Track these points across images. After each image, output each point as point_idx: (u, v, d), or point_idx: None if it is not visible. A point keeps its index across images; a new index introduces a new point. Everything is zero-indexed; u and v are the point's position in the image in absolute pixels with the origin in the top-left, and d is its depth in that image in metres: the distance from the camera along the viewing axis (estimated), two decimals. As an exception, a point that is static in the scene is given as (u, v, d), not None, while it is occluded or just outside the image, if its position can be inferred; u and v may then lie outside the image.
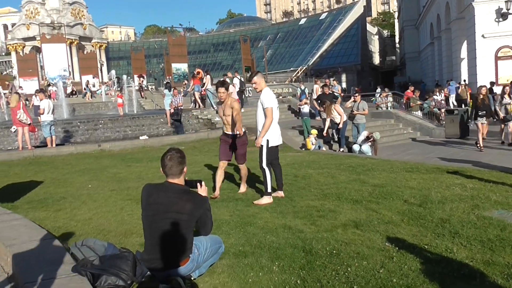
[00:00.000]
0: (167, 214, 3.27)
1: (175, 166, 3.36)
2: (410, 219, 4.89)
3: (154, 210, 3.32)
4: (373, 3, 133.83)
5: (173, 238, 3.27)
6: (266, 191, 5.95)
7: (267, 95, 6.00)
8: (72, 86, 35.13)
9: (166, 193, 3.35)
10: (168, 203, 3.29)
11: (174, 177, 3.39)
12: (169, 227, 3.26)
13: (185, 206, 3.30)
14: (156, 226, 3.31)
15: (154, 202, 3.34)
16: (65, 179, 8.69)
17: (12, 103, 13.15)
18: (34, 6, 47.88)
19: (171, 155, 3.37)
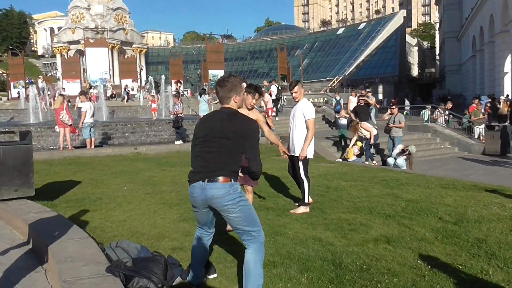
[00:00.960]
0: (212, 138, 3.20)
1: (222, 92, 3.30)
2: (445, 237, 4.79)
3: (202, 135, 3.27)
4: (414, 14, 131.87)
5: (217, 156, 3.17)
6: (304, 201, 5.98)
7: (308, 106, 6.05)
8: (112, 89, 36.16)
9: (214, 118, 3.31)
10: (214, 126, 3.23)
11: (225, 104, 3.32)
12: (215, 149, 3.18)
13: (230, 126, 3.18)
14: (201, 150, 3.25)
15: (203, 128, 3.30)
16: (102, 180, 8.94)
17: (56, 104, 13.67)
18: (80, 11, 49.72)
19: (223, 80, 3.34)
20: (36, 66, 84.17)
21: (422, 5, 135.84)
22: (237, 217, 3.16)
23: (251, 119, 3.30)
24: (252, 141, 3.20)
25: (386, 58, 59.90)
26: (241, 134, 3.16)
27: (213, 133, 3.20)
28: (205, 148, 3.22)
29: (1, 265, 4.11)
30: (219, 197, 3.11)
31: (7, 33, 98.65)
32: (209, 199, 3.14)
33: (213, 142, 3.19)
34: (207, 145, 3.21)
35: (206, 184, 3.14)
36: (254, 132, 3.24)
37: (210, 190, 3.12)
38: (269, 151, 14.12)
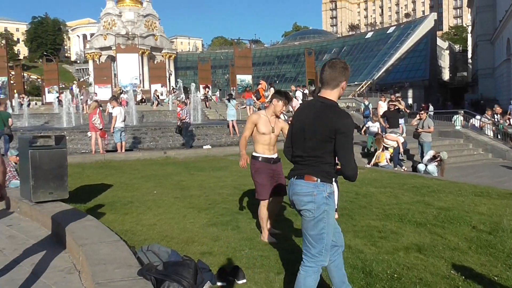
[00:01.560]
0: (304, 132, 2.98)
1: (332, 74, 2.96)
2: (479, 247, 4.66)
3: (296, 128, 3.09)
4: (445, 17, 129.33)
5: (306, 153, 2.97)
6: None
7: None
8: (142, 94, 36.80)
9: (308, 110, 3.03)
10: (307, 120, 2.98)
11: (327, 88, 2.99)
12: (307, 144, 2.96)
13: (323, 121, 2.89)
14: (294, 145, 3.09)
15: (297, 120, 3.11)
16: (132, 183, 9.10)
17: (90, 110, 14.05)
18: (111, 17, 50.84)
19: (333, 62, 3.01)
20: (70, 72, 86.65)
21: (454, 7, 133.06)
22: (309, 223, 2.93)
23: (348, 114, 2.97)
24: (344, 141, 2.86)
25: (416, 62, 58.89)
26: (334, 131, 2.83)
27: (306, 127, 2.97)
28: (296, 144, 3.06)
29: (35, 266, 4.24)
30: (302, 194, 2.93)
31: (42, 40, 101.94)
32: (292, 195, 3.01)
33: (303, 138, 2.98)
34: (299, 141, 3.03)
35: (293, 180, 3.02)
36: (349, 130, 2.88)
37: (295, 186, 2.98)
38: (297, 156, 14.08)
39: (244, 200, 7.17)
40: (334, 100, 2.98)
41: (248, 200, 7.20)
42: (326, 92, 2.99)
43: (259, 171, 4.96)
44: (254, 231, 5.34)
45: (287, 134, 3.27)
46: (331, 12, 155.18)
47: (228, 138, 17.91)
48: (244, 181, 9.15)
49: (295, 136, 3.08)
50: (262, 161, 4.98)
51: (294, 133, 3.11)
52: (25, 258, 4.49)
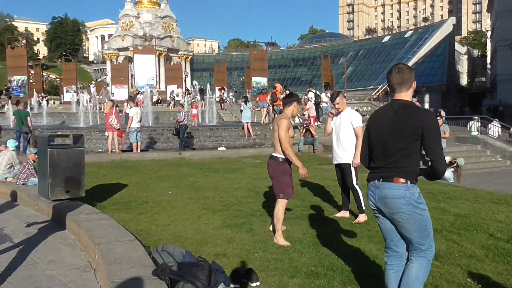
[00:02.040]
0: (388, 135, 2.99)
1: (403, 76, 3.03)
2: (496, 255, 4.59)
3: (377, 131, 3.09)
4: (464, 22, 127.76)
5: (395, 153, 2.97)
6: (361, 209, 5.97)
7: (355, 114, 6.14)
8: (158, 95, 37.09)
9: (386, 114, 3.07)
10: (390, 122, 3.00)
11: (401, 91, 3.05)
12: (391, 147, 2.97)
13: (407, 121, 2.93)
14: (377, 147, 3.08)
15: (377, 123, 3.12)
16: (147, 184, 9.18)
17: (106, 109, 14.18)
18: (129, 19, 51.49)
19: (399, 67, 3.09)
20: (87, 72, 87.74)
21: (473, 12, 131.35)
22: (408, 225, 2.96)
23: (431, 111, 3.09)
24: (433, 137, 2.90)
25: (434, 67, 58.20)
26: (420, 130, 2.88)
27: (387, 131, 3.00)
28: (379, 148, 3.05)
29: (53, 263, 4.31)
30: (393, 197, 2.94)
31: (61, 40, 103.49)
32: (382, 200, 3.00)
33: (388, 140, 2.99)
34: (382, 144, 3.03)
35: (380, 183, 3.01)
36: (436, 125, 2.95)
37: (384, 190, 2.97)
38: (312, 159, 14.05)
39: (258, 203, 7.18)
40: (411, 101, 3.09)
41: (262, 202, 7.21)
42: (401, 94, 3.07)
43: (287, 172, 5.13)
44: (268, 233, 5.34)
45: (363, 143, 3.27)
46: (348, 16, 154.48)
47: (242, 140, 17.93)
48: (258, 184, 9.16)
49: (375, 142, 3.10)
50: (288, 162, 5.14)
51: (373, 140, 3.13)
52: (42, 255, 4.56)
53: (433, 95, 53.68)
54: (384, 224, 3.15)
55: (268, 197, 7.62)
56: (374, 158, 3.12)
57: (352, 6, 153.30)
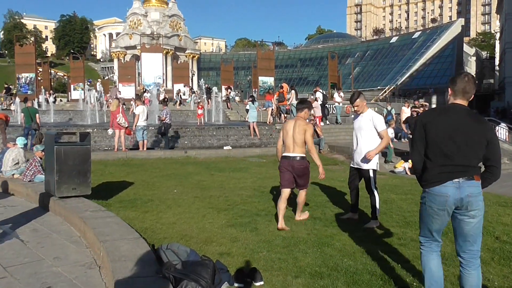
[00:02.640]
0: (459, 137, 3.09)
1: (470, 86, 3.17)
2: (502, 258, 4.56)
3: (447, 133, 3.12)
4: (472, 23, 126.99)
5: (468, 155, 3.09)
6: (375, 215, 5.86)
7: (379, 117, 5.99)
8: (165, 94, 37.19)
9: (456, 115, 3.15)
10: (459, 125, 3.11)
11: (464, 98, 3.20)
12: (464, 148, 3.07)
13: (475, 127, 3.10)
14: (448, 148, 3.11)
15: (445, 125, 3.14)
16: (153, 182, 9.22)
17: (112, 107, 14.23)
18: (137, 17, 51.69)
19: (471, 76, 3.22)
20: (95, 70, 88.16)
21: (482, 13, 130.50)
22: (477, 223, 3.13)
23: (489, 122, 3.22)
24: (496, 145, 3.14)
25: (442, 68, 57.89)
26: (486, 137, 3.10)
27: (459, 132, 3.09)
28: (454, 149, 3.08)
29: (58, 260, 4.34)
30: (477, 195, 3.07)
31: (69, 38, 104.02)
32: (466, 197, 3.05)
33: (460, 141, 3.07)
34: (455, 144, 3.08)
35: (463, 181, 3.05)
36: (496, 136, 3.20)
37: (468, 188, 3.05)
38: (317, 160, 14.02)
39: (263, 202, 7.19)
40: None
41: (267, 202, 7.21)
42: (463, 101, 3.20)
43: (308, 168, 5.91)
44: (273, 233, 5.34)
45: (419, 144, 3.24)
46: (356, 16, 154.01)
47: (248, 139, 17.94)
48: (263, 183, 9.18)
49: (442, 144, 3.11)
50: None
51: (438, 141, 3.13)
52: (47, 251, 4.60)
53: (441, 96, 53.33)
54: (444, 221, 3.24)
55: (274, 197, 7.62)
56: (444, 158, 3.11)
57: (360, 6, 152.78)
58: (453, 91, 3.22)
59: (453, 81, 3.22)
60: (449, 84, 3.27)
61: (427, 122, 3.19)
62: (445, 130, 3.11)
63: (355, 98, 5.98)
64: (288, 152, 5.74)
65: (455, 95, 3.20)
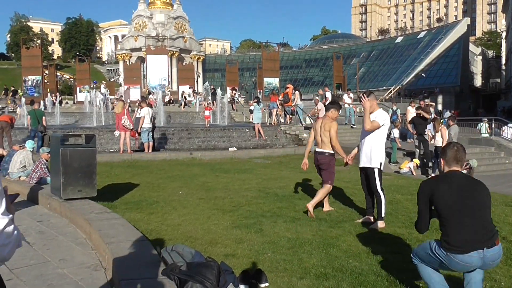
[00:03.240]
0: (472, 204, 3.18)
1: (460, 155, 3.32)
2: (509, 258, 4.53)
3: (461, 201, 3.19)
4: (478, 22, 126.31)
5: (484, 222, 3.19)
6: (381, 216, 5.82)
7: (381, 114, 5.93)
8: (170, 95, 37.28)
9: (461, 183, 3.25)
10: (468, 192, 3.21)
11: (458, 165, 3.33)
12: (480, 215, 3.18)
13: (480, 194, 3.23)
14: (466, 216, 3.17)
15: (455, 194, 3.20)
16: (158, 183, 9.24)
17: (117, 109, 14.27)
18: (142, 19, 51.82)
19: (457, 145, 3.38)
20: (101, 72, 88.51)
21: (488, 12, 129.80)
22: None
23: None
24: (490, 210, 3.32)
25: (447, 68, 57.65)
26: (490, 200, 3.29)
27: (468, 198, 3.18)
28: (470, 215, 3.17)
29: (64, 262, 4.36)
30: (498, 257, 3.21)
31: (75, 40, 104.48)
32: (488, 263, 3.17)
33: (472, 207, 3.17)
34: (469, 211, 3.16)
35: (486, 251, 3.11)
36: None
37: (491, 256, 3.13)
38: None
39: (268, 203, 7.18)
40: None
41: (272, 203, 7.21)
42: (457, 167, 3.33)
43: (334, 163, 6.61)
44: (278, 234, 5.34)
45: (424, 209, 3.36)
46: (361, 16, 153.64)
47: (253, 141, 17.95)
48: (268, 184, 9.17)
49: (456, 213, 3.17)
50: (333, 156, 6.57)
51: (450, 212, 3.19)
52: (53, 253, 4.62)
53: (447, 96, 53.14)
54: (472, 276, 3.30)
55: (278, 198, 7.62)
56: (463, 227, 3.15)
57: (365, 6, 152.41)
58: (445, 161, 3.35)
59: (444, 153, 3.37)
60: (441, 155, 3.41)
61: (432, 193, 3.25)
62: (454, 199, 3.18)
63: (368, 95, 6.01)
64: (317, 147, 6.57)
65: (449, 164, 3.33)
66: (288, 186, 9.04)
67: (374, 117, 5.85)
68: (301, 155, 15.13)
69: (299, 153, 15.40)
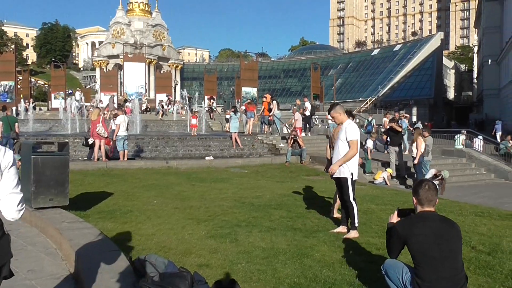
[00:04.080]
0: (446, 245, 3.22)
1: (432, 196, 3.36)
2: (477, 267, 4.62)
3: (436, 240, 3.21)
4: (452, 37, 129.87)
5: (458, 266, 3.25)
6: (354, 226, 5.85)
7: (352, 126, 5.96)
8: (147, 104, 36.97)
9: (437, 222, 3.31)
10: (443, 232, 3.25)
11: (431, 206, 3.37)
12: (453, 256, 3.23)
13: (455, 233, 3.28)
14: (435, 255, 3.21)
15: (431, 232, 3.24)
16: (133, 192, 9.11)
17: (93, 117, 14.07)
18: (120, 26, 51.36)
19: (429, 184, 3.41)
20: (77, 79, 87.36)
21: (461, 27, 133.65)
22: None
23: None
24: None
25: (422, 81, 59.01)
26: (461, 247, 3.32)
27: (445, 245, 3.20)
28: (443, 263, 3.19)
29: (33, 273, 4.25)
30: None
31: (51, 46, 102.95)
32: None
33: (447, 251, 3.19)
34: (445, 260, 3.19)
35: None
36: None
37: None
38: (299, 170, 14.09)
39: (243, 213, 7.16)
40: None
41: (248, 212, 7.19)
42: (430, 208, 3.36)
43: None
44: (252, 244, 5.32)
45: (396, 244, 3.38)
46: (339, 28, 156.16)
47: (230, 150, 17.93)
48: (244, 194, 9.16)
49: (430, 259, 3.18)
50: None
51: (424, 257, 3.20)
52: (21, 264, 4.49)
53: (421, 108, 54.33)
54: None
55: (254, 208, 7.62)
56: (436, 272, 3.18)
57: (342, 19, 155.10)
58: (417, 200, 3.38)
59: (416, 192, 3.38)
60: (413, 193, 3.43)
61: (406, 238, 3.26)
62: (429, 246, 3.19)
63: (330, 109, 6.15)
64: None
65: (422, 204, 3.36)
66: (264, 195, 9.05)
67: (345, 129, 5.90)
68: (278, 164, 15.23)
69: (276, 163, 15.47)
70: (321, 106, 38.02)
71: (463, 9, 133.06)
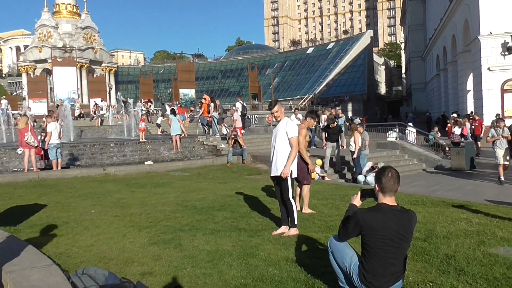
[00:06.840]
0: (398, 238, 3.23)
1: (395, 185, 3.34)
2: (415, 254, 4.82)
3: (389, 233, 3.23)
4: (380, 34, 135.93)
5: (402, 258, 3.30)
6: (293, 223, 5.85)
7: (291, 124, 5.94)
8: (80, 109, 35.45)
9: (392, 214, 3.28)
10: (397, 226, 3.24)
11: (392, 195, 3.35)
12: (400, 250, 3.27)
13: (407, 226, 3.29)
14: (391, 251, 3.23)
15: (387, 225, 3.22)
16: (68, 203, 8.68)
17: (21, 125, 13.25)
18: (47, 29, 48.83)
19: (392, 171, 3.35)
20: (1, 85, 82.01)
21: (388, 25, 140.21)
22: None
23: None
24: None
25: (355, 77, 61.16)
26: (411, 235, 3.34)
27: (398, 236, 3.22)
28: (395, 256, 3.25)
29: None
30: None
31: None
32: None
33: (399, 244, 3.24)
34: (396, 249, 3.24)
35: (398, 284, 3.27)
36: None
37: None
38: (241, 170, 14.10)
39: (187, 217, 7.03)
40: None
41: (191, 216, 7.08)
42: (391, 197, 3.37)
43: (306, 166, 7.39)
44: (197, 248, 5.23)
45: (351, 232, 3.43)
46: (273, 28, 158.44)
47: (170, 153, 17.59)
48: (186, 197, 9.01)
49: (385, 249, 3.23)
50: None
51: (379, 247, 3.23)
52: None
53: (356, 103, 56.33)
54: None
55: (197, 211, 7.50)
56: (387, 264, 3.24)
57: (276, 18, 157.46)
58: (380, 188, 3.36)
59: (379, 179, 3.37)
60: (375, 181, 3.41)
61: (366, 227, 3.28)
62: (385, 242, 3.23)
63: (273, 105, 6.00)
64: None
65: (384, 192, 3.35)
66: (207, 197, 8.95)
67: (286, 130, 5.86)
68: (219, 165, 15.14)
69: (218, 164, 15.38)
70: (260, 105, 38.36)
71: (389, 7, 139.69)
